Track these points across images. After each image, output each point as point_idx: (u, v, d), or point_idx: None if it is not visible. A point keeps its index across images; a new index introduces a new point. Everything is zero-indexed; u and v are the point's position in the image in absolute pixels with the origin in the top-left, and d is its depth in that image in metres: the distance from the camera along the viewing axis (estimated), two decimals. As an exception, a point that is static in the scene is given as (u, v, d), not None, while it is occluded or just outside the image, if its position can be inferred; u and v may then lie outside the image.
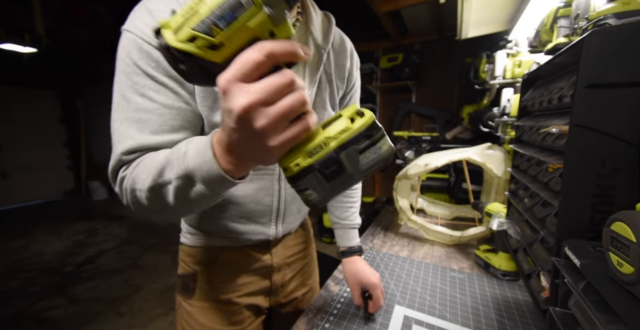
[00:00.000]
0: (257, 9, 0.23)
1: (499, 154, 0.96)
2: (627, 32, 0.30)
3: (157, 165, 0.35)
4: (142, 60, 0.39)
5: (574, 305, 0.30)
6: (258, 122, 0.24)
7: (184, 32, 0.23)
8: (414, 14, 2.23)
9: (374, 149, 0.29)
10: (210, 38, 0.23)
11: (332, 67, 0.57)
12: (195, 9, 0.23)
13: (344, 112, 0.30)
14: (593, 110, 0.32)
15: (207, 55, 0.24)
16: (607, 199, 0.32)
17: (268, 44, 0.23)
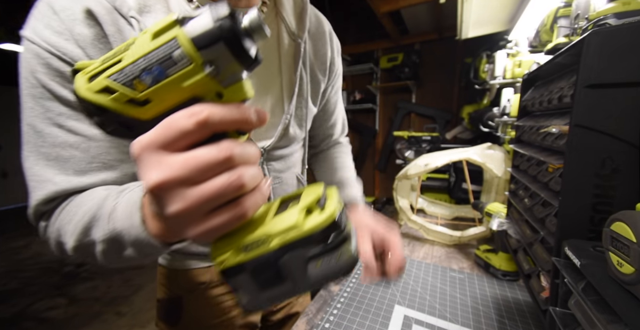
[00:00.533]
0: (197, 68, 0.18)
1: (499, 154, 0.96)
2: (627, 32, 0.30)
3: (82, 220, 0.29)
4: (52, 80, 0.30)
5: (574, 305, 0.30)
6: (171, 205, 0.18)
7: (99, 81, 0.18)
8: (414, 14, 2.23)
9: (329, 258, 0.22)
10: (131, 93, 0.18)
11: (311, 58, 0.50)
12: (118, 56, 0.18)
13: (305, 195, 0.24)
14: (593, 110, 0.32)
15: (126, 111, 0.19)
16: (607, 199, 0.32)
17: (205, 110, 0.18)
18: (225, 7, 0.17)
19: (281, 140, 0.49)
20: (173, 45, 0.17)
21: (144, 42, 0.18)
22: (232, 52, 0.18)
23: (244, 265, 0.21)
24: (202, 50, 0.17)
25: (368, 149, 3.14)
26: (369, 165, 3.17)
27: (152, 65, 0.17)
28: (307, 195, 0.24)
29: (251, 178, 0.19)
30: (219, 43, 0.17)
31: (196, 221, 0.19)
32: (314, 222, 0.21)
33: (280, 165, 0.52)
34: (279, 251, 0.21)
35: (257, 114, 0.20)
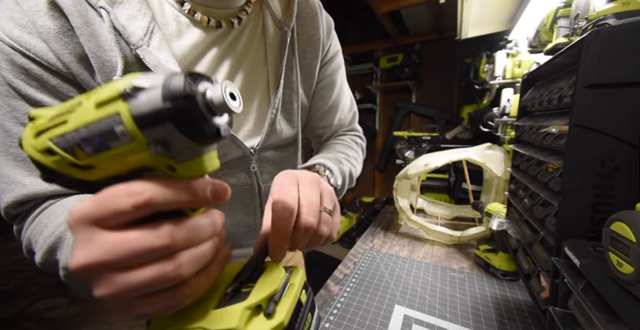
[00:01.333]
0: (140, 146, 0.16)
1: (498, 154, 0.96)
2: (627, 32, 0.30)
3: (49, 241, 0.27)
4: (17, 78, 0.29)
5: (573, 305, 0.30)
6: (97, 289, 0.16)
7: (41, 142, 0.17)
8: (414, 14, 2.23)
9: None
10: (72, 158, 0.16)
11: (302, 44, 0.46)
12: (64, 116, 0.16)
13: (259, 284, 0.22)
14: (593, 110, 0.32)
15: (70, 173, 0.17)
16: (606, 198, 0.32)
17: (147, 192, 0.16)
18: (180, 82, 0.15)
19: (270, 139, 0.45)
20: (115, 119, 0.15)
21: (88, 109, 0.16)
22: (185, 134, 0.16)
23: None
24: (145, 129, 0.15)
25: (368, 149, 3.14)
26: (369, 165, 3.18)
27: (93, 136, 0.16)
28: (261, 286, 0.21)
29: (193, 264, 0.17)
30: (166, 123, 0.15)
31: (123, 306, 0.17)
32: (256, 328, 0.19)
33: (274, 168, 0.48)
34: None
35: (214, 191, 0.18)
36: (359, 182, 0.66)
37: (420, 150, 2.37)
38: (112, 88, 0.15)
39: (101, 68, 0.30)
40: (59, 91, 0.30)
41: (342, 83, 0.56)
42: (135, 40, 0.30)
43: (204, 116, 0.16)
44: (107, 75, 0.31)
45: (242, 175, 0.44)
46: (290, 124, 0.47)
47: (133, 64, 0.31)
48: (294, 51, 0.45)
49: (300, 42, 0.45)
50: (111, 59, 0.30)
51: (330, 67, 0.53)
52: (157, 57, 0.31)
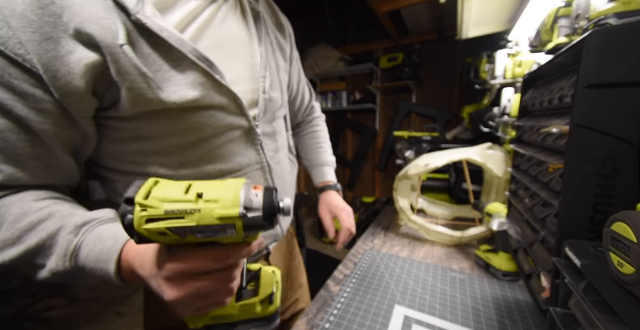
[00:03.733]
0: (237, 238, 0.25)
1: (499, 154, 0.96)
2: (628, 32, 0.30)
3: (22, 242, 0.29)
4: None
5: (574, 305, 0.30)
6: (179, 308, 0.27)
7: (159, 227, 0.23)
8: (414, 14, 2.23)
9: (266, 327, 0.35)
10: (180, 239, 0.24)
11: (273, 27, 0.53)
12: (182, 216, 0.23)
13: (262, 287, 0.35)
14: (593, 110, 0.31)
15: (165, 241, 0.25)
16: (607, 199, 0.32)
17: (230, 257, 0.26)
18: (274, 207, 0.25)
19: (266, 108, 0.48)
20: (230, 227, 0.24)
21: (209, 216, 0.23)
22: (265, 230, 0.26)
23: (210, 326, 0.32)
24: (247, 232, 0.25)
25: (368, 149, 3.14)
26: (369, 165, 3.17)
27: (208, 230, 0.24)
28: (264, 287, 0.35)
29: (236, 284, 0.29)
30: (260, 228, 0.25)
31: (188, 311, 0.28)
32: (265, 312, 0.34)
33: (273, 144, 0.53)
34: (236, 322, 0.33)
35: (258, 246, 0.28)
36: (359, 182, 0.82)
37: (420, 150, 2.36)
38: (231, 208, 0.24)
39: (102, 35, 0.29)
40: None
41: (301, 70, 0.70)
42: (132, 6, 0.30)
43: (277, 219, 0.27)
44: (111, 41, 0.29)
45: (251, 153, 0.46)
46: (279, 93, 0.52)
47: (132, 30, 0.31)
48: (268, 32, 0.51)
49: (270, 26, 0.52)
50: (110, 26, 0.29)
51: (296, 56, 0.64)
52: (158, 22, 0.32)
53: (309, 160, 0.76)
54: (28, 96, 0.28)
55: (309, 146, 0.75)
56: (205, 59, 0.35)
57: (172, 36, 0.32)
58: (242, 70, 0.44)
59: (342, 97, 3.03)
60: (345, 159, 3.24)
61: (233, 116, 0.42)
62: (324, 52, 2.82)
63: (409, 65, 2.55)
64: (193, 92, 0.35)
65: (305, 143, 0.77)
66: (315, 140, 0.75)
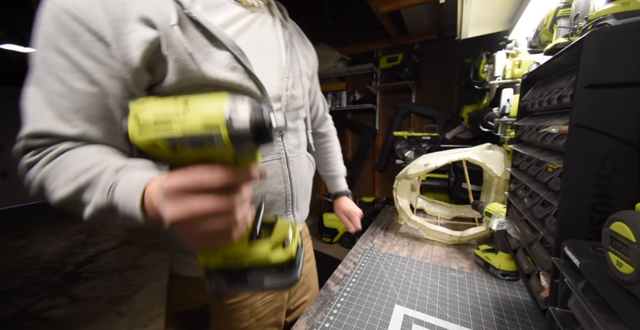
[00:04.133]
0: (227, 151, 0.24)
1: (498, 154, 0.96)
2: (627, 32, 0.30)
3: (76, 180, 0.33)
4: (56, 33, 0.34)
5: (573, 305, 0.30)
6: (181, 232, 0.27)
7: (149, 137, 0.23)
8: (414, 14, 2.23)
9: (280, 279, 0.32)
10: (172, 150, 0.24)
11: (299, 42, 0.63)
12: (170, 123, 0.23)
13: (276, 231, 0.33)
14: (593, 110, 0.32)
15: (163, 157, 0.25)
16: (606, 199, 0.32)
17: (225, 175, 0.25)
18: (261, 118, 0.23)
19: (289, 103, 0.54)
20: (217, 136, 0.23)
21: (195, 125, 0.23)
22: (257, 143, 0.25)
23: (221, 269, 0.31)
24: (235, 144, 0.23)
25: (368, 149, 3.14)
26: (369, 165, 3.17)
27: (195, 140, 0.23)
28: (277, 232, 0.33)
29: (242, 219, 0.27)
30: (249, 140, 0.24)
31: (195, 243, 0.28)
32: (277, 258, 0.30)
33: (294, 139, 0.58)
34: (248, 268, 0.30)
35: (260, 174, 0.28)
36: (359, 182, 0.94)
37: (420, 150, 2.37)
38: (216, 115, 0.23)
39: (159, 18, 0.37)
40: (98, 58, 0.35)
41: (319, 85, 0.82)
42: (185, 3, 0.39)
43: (270, 134, 0.24)
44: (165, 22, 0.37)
45: (273, 146, 0.53)
46: (301, 94, 0.58)
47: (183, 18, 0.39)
48: (294, 44, 0.58)
49: (297, 40, 0.61)
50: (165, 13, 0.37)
51: (316, 75, 0.76)
52: (204, 17, 0.40)
53: (324, 170, 0.88)
54: (105, 64, 0.35)
55: (325, 158, 0.88)
56: (238, 48, 0.43)
57: (214, 27, 0.41)
58: (271, 69, 0.52)
59: (342, 97, 3.03)
60: (345, 159, 3.23)
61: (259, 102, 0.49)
62: (324, 52, 2.82)
63: (408, 65, 2.55)
64: (226, 72, 0.42)
65: (320, 155, 0.88)
66: (330, 154, 0.88)
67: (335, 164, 0.88)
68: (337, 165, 0.89)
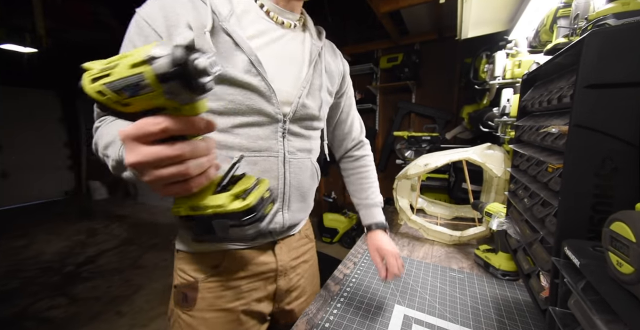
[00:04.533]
0: (159, 94, 0.25)
1: (498, 154, 0.96)
2: (627, 32, 0.30)
3: (106, 139, 0.43)
4: (135, 34, 0.47)
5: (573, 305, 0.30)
6: (143, 177, 0.30)
7: (97, 85, 0.26)
8: (414, 14, 2.23)
9: (242, 228, 0.34)
10: (117, 98, 0.26)
11: (328, 60, 0.66)
12: (110, 69, 0.25)
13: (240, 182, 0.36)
14: (593, 111, 0.32)
15: (115, 107, 0.27)
16: (606, 199, 0.32)
17: (165, 122, 0.27)
18: (181, 54, 0.24)
19: (299, 111, 0.58)
20: (142, 77, 0.24)
21: (124, 67, 0.25)
22: (185, 87, 0.25)
23: (190, 217, 0.34)
24: (162, 83, 0.24)
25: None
26: (369, 165, 3.17)
27: (128, 85, 0.25)
28: (240, 184, 0.35)
29: (196, 168, 0.30)
30: (175, 80, 0.24)
31: (159, 188, 0.31)
32: (234, 206, 0.33)
33: (298, 143, 0.60)
34: (211, 216, 0.34)
35: (206, 124, 0.30)
36: None
37: (420, 150, 2.37)
38: (140, 54, 0.24)
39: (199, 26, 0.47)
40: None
41: (355, 106, 0.82)
42: (222, 17, 0.49)
43: (194, 77, 0.25)
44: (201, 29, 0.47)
45: (272, 141, 0.56)
46: (315, 106, 0.61)
47: (217, 27, 0.49)
48: (321, 61, 0.63)
49: (326, 59, 0.66)
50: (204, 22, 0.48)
51: (348, 94, 0.78)
52: (234, 28, 0.49)
53: (358, 198, 0.80)
54: None
55: (359, 184, 0.81)
56: (254, 55, 0.50)
57: (239, 37, 0.49)
58: (288, 77, 0.57)
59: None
60: (345, 159, 3.24)
61: (266, 104, 0.53)
62: (324, 52, 2.82)
63: (408, 65, 2.55)
64: (241, 73, 0.50)
65: (355, 181, 0.82)
66: (366, 180, 0.81)
67: (372, 191, 0.80)
68: (374, 192, 0.81)
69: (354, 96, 0.81)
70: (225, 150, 0.52)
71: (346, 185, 0.85)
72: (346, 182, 0.85)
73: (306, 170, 0.62)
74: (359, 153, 0.84)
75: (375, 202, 0.79)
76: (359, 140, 0.84)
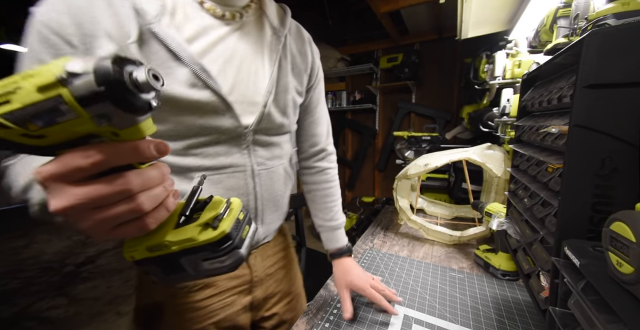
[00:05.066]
0: (85, 120, 0.19)
1: (498, 154, 0.96)
2: (627, 32, 0.30)
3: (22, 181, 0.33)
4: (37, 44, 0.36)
5: (573, 305, 0.30)
6: (80, 223, 0.22)
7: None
8: (414, 14, 2.23)
9: (219, 260, 0.28)
10: (24, 130, 0.19)
11: (294, 52, 0.56)
12: (10, 94, 0.18)
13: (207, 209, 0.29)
14: (592, 110, 0.32)
15: (23, 141, 0.20)
16: (606, 198, 0.32)
17: (99, 153, 0.20)
18: (108, 68, 0.18)
19: (263, 122, 0.50)
20: (58, 100, 0.18)
21: (30, 91, 0.18)
22: (120, 107, 0.19)
23: (150, 259, 0.27)
24: (87, 107, 0.18)
25: (368, 149, 3.14)
26: (369, 165, 3.17)
27: (41, 113, 0.18)
28: (209, 210, 0.29)
29: (151, 201, 0.23)
30: (104, 101, 0.18)
31: (104, 233, 0.23)
32: (206, 237, 0.26)
33: (267, 153, 0.54)
34: (178, 254, 0.27)
35: (156, 148, 0.23)
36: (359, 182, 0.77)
37: (420, 150, 2.37)
38: (48, 73, 0.18)
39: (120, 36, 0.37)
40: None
41: (324, 103, 0.69)
42: (150, 17, 0.38)
43: (133, 94, 0.19)
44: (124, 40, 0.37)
45: (236, 156, 0.49)
46: (282, 113, 0.53)
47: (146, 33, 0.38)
48: (286, 55, 0.53)
49: (291, 50, 0.55)
50: (127, 31, 0.37)
51: (318, 88, 0.65)
52: (167, 31, 0.39)
53: (322, 219, 0.70)
54: None
55: (324, 204, 0.70)
56: (198, 64, 0.41)
57: (173, 42, 0.39)
58: (247, 84, 0.48)
59: (342, 97, 3.03)
60: (345, 159, 3.24)
61: (223, 119, 0.45)
62: (324, 52, 2.82)
63: (408, 65, 2.55)
64: (185, 89, 0.41)
65: (318, 199, 0.70)
66: (331, 198, 0.70)
67: (337, 211, 0.70)
68: (338, 212, 0.70)
69: (323, 92, 0.68)
70: (182, 173, 0.45)
71: (307, 201, 0.74)
72: (307, 198, 0.73)
73: (278, 178, 0.57)
74: (322, 165, 0.70)
75: (340, 223, 0.70)
76: (323, 148, 0.70)
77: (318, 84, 0.64)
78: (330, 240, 0.69)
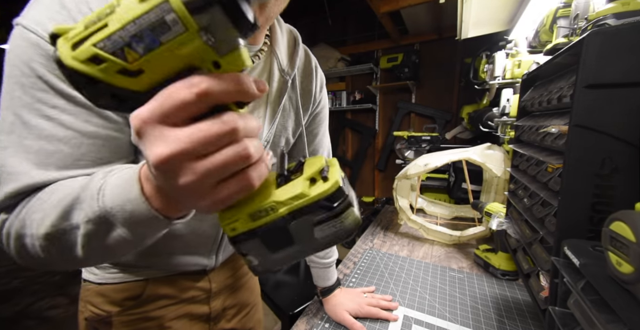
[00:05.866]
0: (192, 35, 0.16)
1: (498, 154, 0.96)
2: (627, 32, 0.30)
3: (60, 205, 0.26)
4: (51, 73, 0.29)
5: (573, 304, 0.30)
6: (181, 178, 0.18)
7: (85, 49, 0.16)
8: (414, 14, 2.23)
9: (334, 223, 0.23)
10: (122, 62, 0.17)
11: (297, 93, 0.52)
12: (103, 20, 0.16)
13: (307, 167, 0.25)
14: (592, 110, 0.32)
15: (118, 82, 0.17)
16: (606, 198, 0.32)
17: (205, 82, 0.17)
18: None
19: None
20: (165, 8, 0.15)
21: (131, 4, 0.16)
22: (229, 17, 0.16)
23: (254, 231, 0.22)
24: (196, 14, 0.16)
25: (368, 149, 3.14)
26: (369, 165, 3.17)
27: (143, 31, 0.16)
28: (309, 167, 0.24)
29: (256, 149, 0.20)
30: (215, 6, 0.16)
31: (206, 192, 0.19)
32: (319, 190, 0.22)
33: None
34: (287, 217, 0.22)
35: (256, 84, 0.19)
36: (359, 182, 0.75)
37: (420, 150, 2.37)
38: None
39: None
40: None
41: (325, 131, 0.65)
42: None
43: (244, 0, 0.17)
44: None
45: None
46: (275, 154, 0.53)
47: None
48: (291, 98, 0.52)
49: (296, 89, 0.52)
50: None
51: (319, 117, 0.61)
52: None
53: (316, 256, 0.65)
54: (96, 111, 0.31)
55: None
56: None
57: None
58: None
59: (342, 97, 3.03)
60: (345, 159, 3.24)
61: None
62: (324, 52, 2.82)
63: (408, 65, 2.55)
64: None
65: None
66: None
67: (332, 249, 0.66)
68: (333, 249, 0.67)
69: (327, 119, 0.64)
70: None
71: None
72: None
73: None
74: None
75: (333, 260, 0.66)
76: None
77: (320, 112, 0.61)
78: (321, 277, 0.65)
